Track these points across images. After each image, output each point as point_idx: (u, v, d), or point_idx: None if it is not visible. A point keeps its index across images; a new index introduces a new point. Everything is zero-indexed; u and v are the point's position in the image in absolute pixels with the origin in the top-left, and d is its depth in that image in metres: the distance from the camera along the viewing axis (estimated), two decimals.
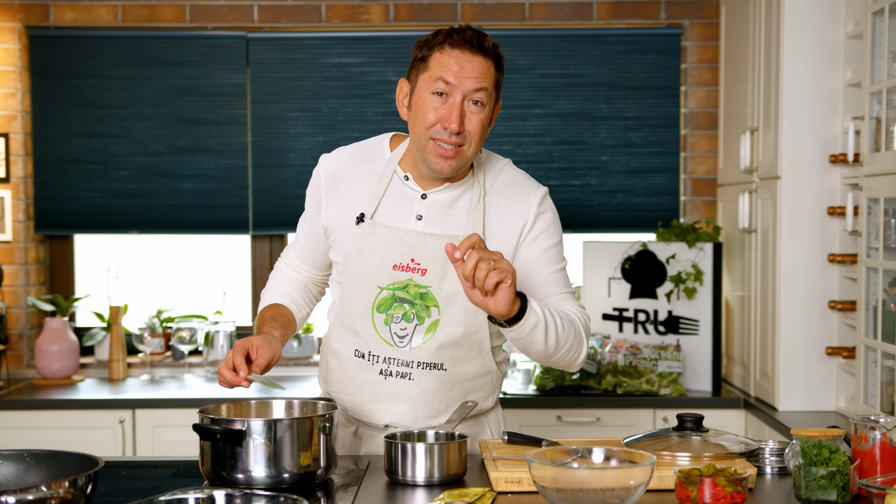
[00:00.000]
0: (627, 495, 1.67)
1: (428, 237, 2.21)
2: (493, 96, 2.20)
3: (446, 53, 2.15)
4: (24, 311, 4.25)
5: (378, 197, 2.25)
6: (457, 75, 2.13)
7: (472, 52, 2.14)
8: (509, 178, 2.30)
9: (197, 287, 4.54)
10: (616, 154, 4.28)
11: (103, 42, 4.24)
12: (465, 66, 2.13)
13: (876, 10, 2.92)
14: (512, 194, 2.27)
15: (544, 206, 2.29)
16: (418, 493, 1.96)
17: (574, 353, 2.19)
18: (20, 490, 1.56)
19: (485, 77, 2.15)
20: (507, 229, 2.25)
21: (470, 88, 2.14)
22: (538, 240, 2.26)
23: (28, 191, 4.26)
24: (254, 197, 4.28)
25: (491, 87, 2.17)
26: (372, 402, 2.29)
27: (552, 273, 2.27)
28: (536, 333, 2.06)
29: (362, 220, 2.24)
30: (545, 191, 2.31)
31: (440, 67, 2.15)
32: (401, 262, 2.22)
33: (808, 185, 3.39)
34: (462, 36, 2.15)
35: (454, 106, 2.14)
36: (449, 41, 2.15)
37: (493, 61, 2.17)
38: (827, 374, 3.42)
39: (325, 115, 4.26)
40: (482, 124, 2.17)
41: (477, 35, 2.16)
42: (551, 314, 2.10)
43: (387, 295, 2.23)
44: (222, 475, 1.92)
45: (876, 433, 1.89)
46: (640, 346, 3.82)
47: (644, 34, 4.24)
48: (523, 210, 2.26)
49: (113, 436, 3.75)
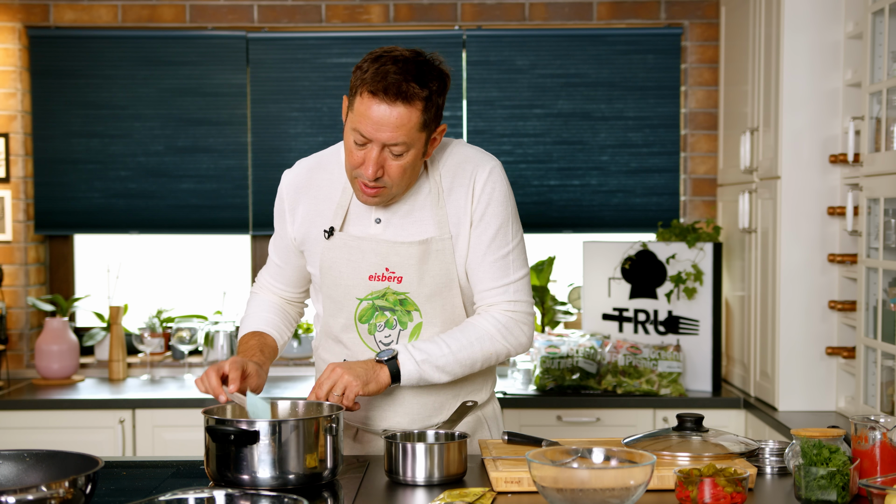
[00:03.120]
0: (627, 495, 1.67)
1: (398, 245, 2.22)
2: (420, 137, 2.11)
3: (365, 102, 2.05)
4: (24, 311, 4.25)
5: (343, 209, 2.25)
6: (372, 130, 2.06)
7: (389, 104, 2.04)
8: (454, 163, 2.25)
9: (197, 287, 4.54)
10: (616, 154, 4.28)
11: (103, 42, 4.24)
12: (382, 120, 2.05)
13: (876, 10, 2.92)
14: (457, 183, 2.23)
15: (489, 186, 2.22)
16: (418, 493, 1.96)
17: (492, 362, 2.28)
18: (20, 490, 1.56)
19: (402, 128, 2.06)
20: (463, 220, 2.23)
21: (386, 141, 2.07)
22: (479, 226, 2.23)
23: (28, 191, 4.27)
24: (254, 197, 4.28)
25: (414, 133, 2.08)
26: (367, 409, 2.31)
27: (492, 262, 2.24)
28: (426, 381, 2.20)
29: (332, 234, 2.25)
30: (490, 167, 2.24)
31: (359, 117, 2.07)
32: (376, 273, 2.23)
33: (808, 185, 3.39)
34: (383, 82, 2.04)
35: (370, 155, 2.09)
36: (369, 88, 2.04)
37: (422, 103, 2.06)
38: (827, 374, 3.42)
39: (325, 115, 4.26)
40: (402, 169, 2.11)
41: (397, 81, 2.04)
42: (443, 350, 2.19)
43: (367, 305, 2.25)
44: (227, 476, 1.92)
45: (876, 433, 1.89)
46: (640, 346, 3.82)
47: (644, 34, 4.24)
48: (467, 197, 2.22)
49: (113, 436, 3.75)
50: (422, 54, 2.12)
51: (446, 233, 2.22)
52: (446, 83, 2.14)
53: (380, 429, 2.31)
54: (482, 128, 4.26)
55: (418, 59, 2.10)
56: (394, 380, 2.17)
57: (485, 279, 2.24)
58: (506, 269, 2.25)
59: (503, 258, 2.25)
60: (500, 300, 2.25)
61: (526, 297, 2.28)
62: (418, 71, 2.07)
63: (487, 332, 2.23)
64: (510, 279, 2.25)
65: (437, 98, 2.12)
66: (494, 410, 2.44)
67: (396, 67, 2.05)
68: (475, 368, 2.25)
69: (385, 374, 2.16)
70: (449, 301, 2.25)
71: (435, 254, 2.21)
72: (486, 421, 2.40)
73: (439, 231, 2.22)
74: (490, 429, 2.40)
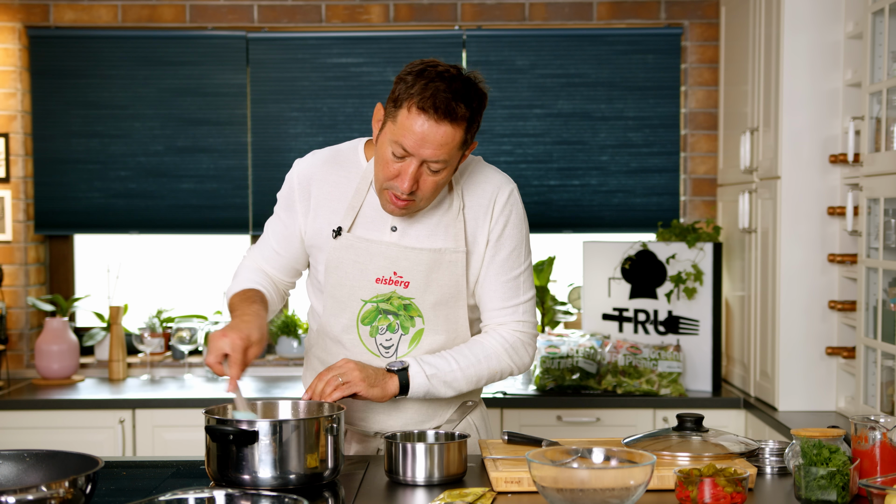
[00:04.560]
0: (627, 495, 1.67)
1: (409, 250, 2.22)
2: (458, 155, 2.14)
3: (412, 116, 2.05)
4: (24, 311, 4.25)
5: (355, 211, 2.25)
6: (416, 146, 2.06)
7: (436, 122, 2.05)
8: (476, 182, 2.28)
9: (197, 287, 4.54)
10: (616, 154, 4.28)
11: (103, 42, 4.24)
12: (428, 137, 2.06)
13: (876, 10, 2.92)
14: (476, 202, 2.26)
15: (507, 209, 2.27)
16: (418, 493, 1.96)
17: (495, 380, 2.31)
18: (20, 490, 1.56)
19: (445, 146, 2.07)
20: (480, 238, 2.26)
21: (428, 158, 2.08)
22: (494, 246, 2.27)
23: (28, 191, 4.27)
24: (254, 197, 4.28)
25: (455, 152, 2.11)
26: (361, 411, 2.31)
27: (504, 283, 2.28)
28: (432, 395, 2.22)
29: (339, 234, 2.24)
30: (509, 190, 2.28)
31: (402, 130, 2.06)
32: (383, 276, 2.23)
33: (808, 185, 3.39)
34: (432, 99, 2.04)
35: (408, 169, 2.09)
36: (417, 103, 2.04)
37: (465, 123, 2.08)
38: (827, 374, 3.42)
39: (325, 115, 4.26)
40: (436, 185, 2.13)
41: (446, 99, 2.04)
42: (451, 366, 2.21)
43: (371, 308, 2.25)
44: (229, 476, 1.92)
45: (876, 433, 1.89)
46: (640, 346, 3.82)
47: (644, 34, 4.24)
48: (486, 216, 2.26)
49: (113, 436, 3.75)
50: (463, 73, 2.12)
51: (461, 246, 2.24)
52: (484, 103, 2.15)
53: (371, 432, 2.32)
54: (482, 128, 4.25)
55: (463, 77, 2.10)
56: (401, 391, 2.18)
57: (495, 298, 2.28)
58: (516, 290, 2.29)
59: (514, 279, 2.29)
60: (508, 320, 2.29)
61: (532, 319, 2.33)
62: (465, 90, 2.08)
63: (495, 350, 2.27)
64: (520, 300, 2.30)
65: (478, 117, 2.13)
66: (479, 408, 2.44)
67: (445, 85, 2.05)
68: (480, 385, 2.29)
69: (394, 383, 2.17)
70: (453, 312, 2.26)
71: (446, 265, 2.22)
72: (471, 419, 2.39)
73: (455, 243, 2.24)
74: (476, 426, 2.40)
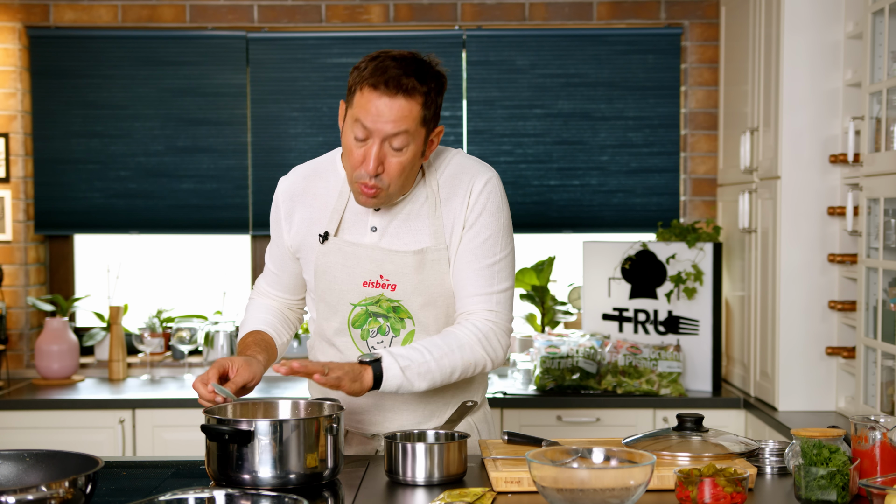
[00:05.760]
0: (627, 495, 1.67)
1: (393, 254, 2.22)
2: (420, 133, 2.13)
3: (365, 95, 2.08)
4: (24, 311, 4.25)
5: (339, 214, 2.26)
6: (373, 121, 2.08)
7: (390, 97, 2.07)
8: (452, 173, 2.26)
9: (197, 287, 4.54)
10: (616, 154, 4.28)
11: (103, 42, 4.24)
12: (383, 111, 2.07)
13: (876, 10, 2.92)
14: (454, 193, 2.24)
15: (483, 195, 2.23)
16: (418, 493, 1.96)
17: (469, 373, 2.23)
18: (20, 490, 1.56)
19: (403, 119, 2.08)
20: (457, 228, 2.24)
21: (387, 133, 2.09)
22: (469, 232, 2.23)
23: (28, 191, 4.27)
24: (254, 197, 4.28)
25: (414, 126, 2.10)
26: (358, 413, 2.32)
27: (477, 270, 2.23)
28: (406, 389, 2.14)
29: (326, 239, 2.25)
30: (487, 178, 2.25)
31: (360, 110, 2.09)
32: (370, 279, 2.23)
33: (808, 185, 3.39)
34: (383, 76, 2.07)
35: (371, 150, 2.10)
36: (369, 82, 2.08)
37: (421, 97, 2.10)
38: (827, 374, 3.42)
39: (325, 115, 4.26)
40: (401, 166, 2.12)
41: (397, 75, 2.07)
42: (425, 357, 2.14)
43: (360, 311, 2.25)
44: (229, 475, 1.92)
45: (876, 433, 1.89)
46: (640, 346, 3.82)
47: (644, 34, 4.24)
48: (462, 205, 2.23)
49: (113, 436, 3.75)
50: (418, 56, 2.15)
51: (442, 243, 2.22)
52: (444, 84, 2.17)
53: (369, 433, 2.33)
54: (482, 128, 4.26)
55: (416, 59, 2.14)
56: (375, 383, 2.12)
57: (468, 286, 2.23)
58: (490, 279, 2.23)
59: (489, 267, 2.23)
60: (480, 308, 2.23)
61: (506, 311, 2.26)
62: (417, 68, 2.11)
63: (468, 340, 2.20)
64: (493, 289, 2.24)
65: (436, 97, 2.14)
66: (483, 409, 2.44)
67: (395, 63, 2.09)
68: (454, 378, 2.21)
69: (369, 375, 2.11)
70: (443, 311, 2.25)
71: (430, 264, 2.22)
72: (473, 420, 2.38)
73: (435, 241, 2.22)
74: (478, 428, 2.39)
